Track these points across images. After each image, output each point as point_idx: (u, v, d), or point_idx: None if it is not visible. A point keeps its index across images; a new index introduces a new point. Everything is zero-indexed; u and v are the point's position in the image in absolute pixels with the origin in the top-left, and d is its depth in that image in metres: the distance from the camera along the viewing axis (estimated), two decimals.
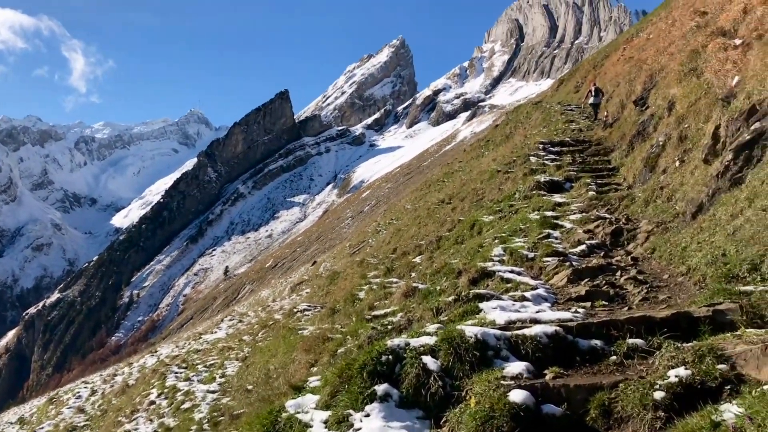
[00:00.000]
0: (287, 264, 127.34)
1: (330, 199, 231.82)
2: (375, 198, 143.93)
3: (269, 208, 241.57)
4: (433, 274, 12.07)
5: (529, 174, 18.18)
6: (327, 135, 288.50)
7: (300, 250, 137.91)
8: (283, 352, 14.36)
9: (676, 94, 14.82)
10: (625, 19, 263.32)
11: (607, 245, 9.42)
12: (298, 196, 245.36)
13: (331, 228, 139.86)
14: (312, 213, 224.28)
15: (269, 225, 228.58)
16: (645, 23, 49.35)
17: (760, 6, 13.50)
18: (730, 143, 8.45)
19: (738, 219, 6.59)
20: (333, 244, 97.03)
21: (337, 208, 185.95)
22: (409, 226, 26.74)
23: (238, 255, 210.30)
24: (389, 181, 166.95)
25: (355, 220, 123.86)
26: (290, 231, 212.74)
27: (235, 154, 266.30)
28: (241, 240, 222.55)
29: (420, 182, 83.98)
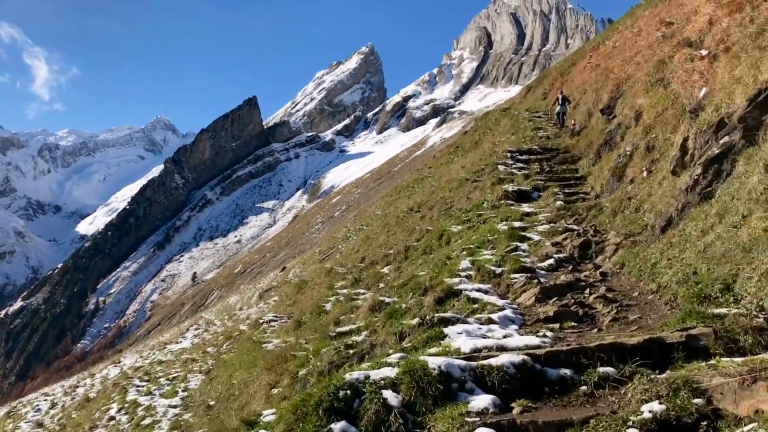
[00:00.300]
0: (256, 269, 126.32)
1: (300, 204, 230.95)
2: (345, 203, 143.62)
3: (238, 214, 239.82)
4: (401, 287, 11.81)
5: (498, 183, 18.04)
6: (296, 141, 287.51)
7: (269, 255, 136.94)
8: (247, 367, 13.96)
9: (643, 104, 14.79)
10: (591, 27, 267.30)
11: (576, 258, 9.25)
12: (268, 202, 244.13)
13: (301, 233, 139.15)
14: (282, 218, 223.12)
15: (238, 231, 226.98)
16: (611, 31, 49.84)
17: (726, 17, 13.52)
18: (699, 156, 8.34)
19: (709, 235, 6.43)
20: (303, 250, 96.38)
21: (307, 213, 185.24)
22: (378, 234, 26.47)
23: (206, 261, 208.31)
24: (360, 186, 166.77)
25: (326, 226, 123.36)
26: (259, 237, 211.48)
27: (202, 161, 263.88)
28: (210, 246, 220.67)
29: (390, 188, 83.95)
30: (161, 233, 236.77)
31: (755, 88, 7.23)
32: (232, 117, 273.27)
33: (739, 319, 4.72)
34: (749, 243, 5.62)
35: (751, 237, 5.66)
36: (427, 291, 8.43)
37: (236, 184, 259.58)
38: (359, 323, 9.95)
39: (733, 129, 7.50)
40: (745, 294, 5.23)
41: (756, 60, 7.56)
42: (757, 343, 4.51)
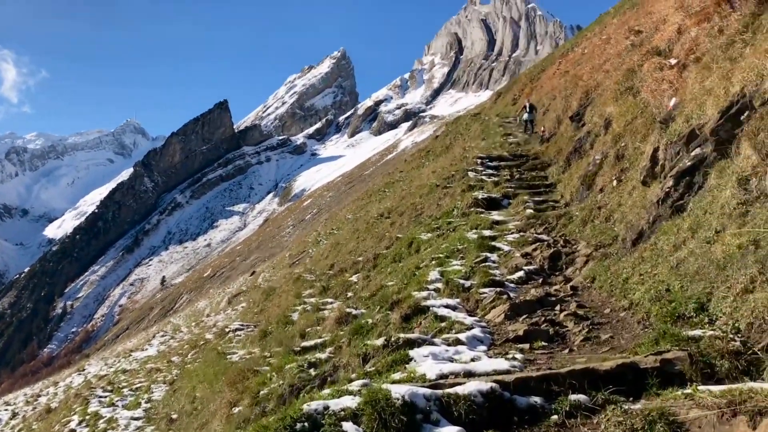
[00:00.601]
0: (226, 273, 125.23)
1: (271, 207, 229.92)
2: (317, 206, 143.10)
3: (208, 218, 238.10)
4: (369, 298, 11.55)
5: (468, 190, 17.88)
6: (267, 144, 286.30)
7: (239, 259, 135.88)
8: (210, 380, 13.56)
9: (612, 112, 14.74)
10: (560, 34, 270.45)
11: (546, 270, 9.08)
12: (238, 205, 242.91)
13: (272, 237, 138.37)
14: (252, 222, 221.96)
15: (208, 234, 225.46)
16: (580, 38, 50.28)
17: (694, 27, 13.52)
18: (670, 168, 8.21)
19: (681, 251, 6.28)
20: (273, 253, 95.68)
21: (278, 216, 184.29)
22: (348, 240, 26.18)
23: (175, 265, 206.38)
24: (331, 189, 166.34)
25: (296, 229, 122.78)
26: (230, 240, 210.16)
27: (172, 164, 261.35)
28: (179, 249, 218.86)
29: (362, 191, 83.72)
30: (130, 237, 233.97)
31: (727, 100, 7.12)
32: (202, 120, 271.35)
33: (715, 342, 4.54)
34: (723, 260, 5.46)
35: (725, 254, 5.51)
36: (394, 305, 8.18)
37: (206, 187, 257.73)
38: (325, 336, 9.66)
39: (705, 141, 7.38)
40: (720, 314, 5.07)
41: (727, 71, 7.45)
42: (733, 368, 4.33)
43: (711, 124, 7.13)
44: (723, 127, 6.63)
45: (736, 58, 7.84)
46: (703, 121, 7.80)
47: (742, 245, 5.37)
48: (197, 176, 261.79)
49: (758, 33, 7.61)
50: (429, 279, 9.81)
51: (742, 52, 7.71)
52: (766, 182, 5.78)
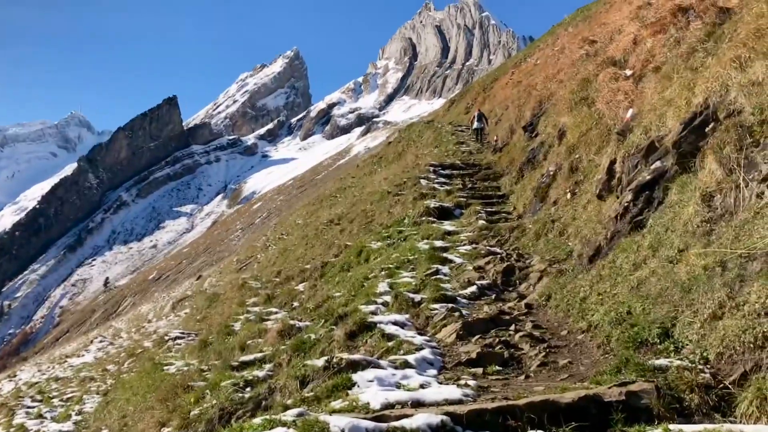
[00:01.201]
0: (172, 276, 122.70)
1: (219, 209, 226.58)
2: (267, 210, 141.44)
3: (154, 218, 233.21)
4: (314, 309, 11.03)
5: (420, 198, 17.51)
6: (217, 144, 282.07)
7: (186, 262, 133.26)
8: (144, 393, 12.82)
9: (566, 122, 14.56)
10: (513, 44, 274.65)
11: (499, 285, 8.72)
12: (186, 206, 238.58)
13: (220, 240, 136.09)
14: (200, 224, 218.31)
15: (154, 235, 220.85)
16: (532, 49, 50.68)
17: (650, 37, 13.44)
18: (628, 182, 7.95)
19: (642, 270, 5.96)
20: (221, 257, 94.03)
21: (227, 219, 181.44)
22: (297, 246, 25.55)
23: (119, 266, 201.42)
24: (282, 193, 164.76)
25: (246, 233, 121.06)
26: (176, 242, 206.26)
27: (118, 161, 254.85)
28: (124, 250, 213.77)
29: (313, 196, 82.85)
30: (73, 235, 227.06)
31: (689, 111, 6.88)
32: (150, 116, 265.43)
33: (683, 373, 4.20)
34: (688, 282, 5.16)
35: (689, 275, 5.20)
36: (340, 320, 7.70)
37: (153, 186, 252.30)
38: (266, 350, 9.11)
39: (665, 154, 7.12)
40: (686, 341, 4.74)
41: (689, 81, 7.22)
42: (704, 403, 4.00)
43: (673, 136, 6.87)
44: (686, 139, 6.37)
45: (697, 67, 7.63)
46: (663, 132, 7.55)
47: (708, 266, 5.07)
48: (144, 174, 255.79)
49: (720, 42, 7.41)
50: (378, 291, 9.35)
51: (704, 62, 7.50)
52: (731, 199, 5.51)
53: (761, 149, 5.32)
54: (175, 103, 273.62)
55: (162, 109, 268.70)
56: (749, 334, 4.14)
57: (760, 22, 5.99)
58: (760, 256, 4.64)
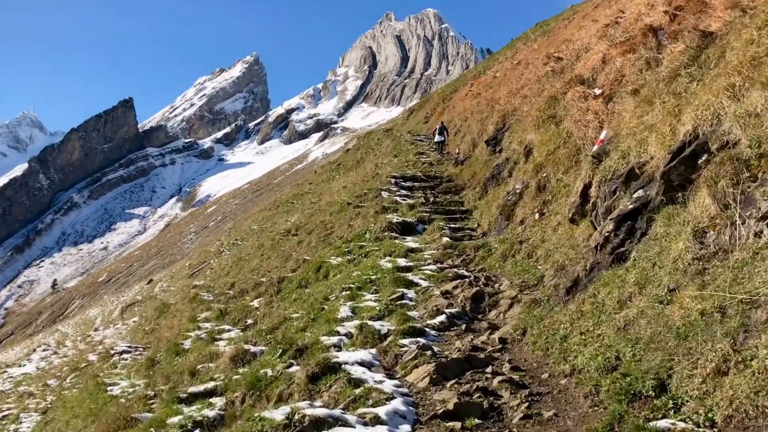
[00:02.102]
0: (122, 279, 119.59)
1: (173, 212, 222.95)
2: (221, 214, 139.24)
3: (106, 220, 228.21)
4: (270, 331, 10.41)
5: (381, 212, 17.02)
6: (173, 146, 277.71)
7: (137, 265, 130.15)
8: (85, 416, 11.98)
9: (533, 140, 14.25)
10: (471, 56, 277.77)
11: (468, 313, 8.25)
12: (139, 208, 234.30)
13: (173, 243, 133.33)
14: (153, 226, 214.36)
15: (105, 237, 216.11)
16: (491, 62, 50.90)
17: (619, 57, 13.24)
18: (607, 209, 7.58)
19: (629, 309, 5.54)
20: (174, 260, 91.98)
21: (181, 222, 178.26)
22: (252, 256, 24.75)
23: (69, 267, 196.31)
24: (237, 197, 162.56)
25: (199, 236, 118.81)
26: (128, 244, 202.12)
27: (70, 162, 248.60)
28: (73, 252, 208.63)
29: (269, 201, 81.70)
30: (21, 236, 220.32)
31: (674, 139, 6.52)
32: (105, 118, 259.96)
33: None
34: (684, 328, 4.74)
35: (684, 320, 4.78)
36: (299, 354, 7.11)
37: (106, 187, 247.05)
38: (218, 379, 8.46)
39: (648, 182, 6.76)
40: (686, 397, 4.31)
41: (674, 107, 6.87)
42: None
43: (659, 164, 6.50)
44: (675, 169, 5.99)
45: (681, 93, 7.30)
46: (644, 159, 7.20)
47: (705, 311, 4.66)
48: (97, 176, 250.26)
49: (706, 68, 7.09)
50: (339, 316, 8.79)
51: (689, 88, 7.18)
52: (726, 236, 5.13)
53: (760, 185, 4.96)
54: (130, 105, 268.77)
55: (117, 111, 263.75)
56: (763, 396, 3.73)
57: (757, 49, 5.65)
58: (764, 304, 4.25)
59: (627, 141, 7.93)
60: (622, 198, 7.43)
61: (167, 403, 7.66)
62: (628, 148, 7.83)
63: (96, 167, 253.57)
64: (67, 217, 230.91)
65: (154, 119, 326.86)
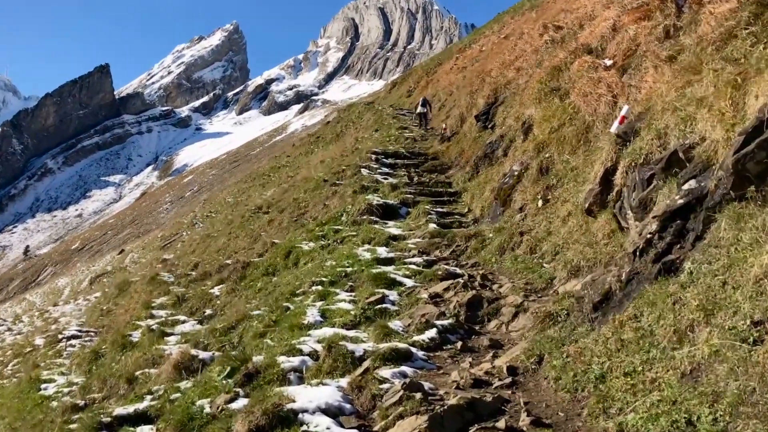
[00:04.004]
0: (96, 247, 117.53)
1: (149, 181, 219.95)
2: (198, 184, 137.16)
3: (81, 187, 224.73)
4: (225, 332, 8.87)
5: (360, 191, 15.43)
6: (150, 114, 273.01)
7: (111, 233, 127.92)
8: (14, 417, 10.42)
9: (533, 115, 12.72)
10: (455, 31, 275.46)
11: (464, 325, 6.74)
12: (114, 176, 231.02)
13: (148, 212, 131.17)
14: (128, 195, 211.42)
15: (80, 204, 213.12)
16: (478, 35, 49.32)
17: (632, 24, 11.72)
18: (641, 203, 6.09)
19: (695, 346, 4.06)
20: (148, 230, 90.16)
21: (156, 191, 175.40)
22: (220, 233, 23.09)
23: (42, 234, 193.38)
24: (215, 167, 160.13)
25: (175, 206, 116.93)
26: (103, 212, 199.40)
27: (45, 127, 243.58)
28: (47, 218, 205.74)
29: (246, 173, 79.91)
30: None
31: (738, 116, 5.02)
32: (81, 83, 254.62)
33: None
34: None
35: None
36: (247, 381, 5.60)
37: (81, 154, 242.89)
38: (155, 394, 6.94)
39: (703, 170, 5.27)
40: None
41: (734, 76, 5.36)
42: None
43: (720, 148, 5.01)
44: (753, 157, 4.49)
45: (740, 58, 5.79)
46: (691, 140, 5.70)
47: None
48: (72, 142, 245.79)
49: None
50: (306, 321, 7.27)
51: (751, 52, 5.67)
52: None
53: None
54: (107, 71, 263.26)
55: (93, 77, 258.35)
56: None
57: None
58: None
59: (664, 118, 6.42)
60: (662, 189, 5.94)
61: (86, 430, 6.11)
62: (666, 126, 6.34)
63: (71, 133, 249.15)
64: (41, 183, 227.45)
65: (131, 86, 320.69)
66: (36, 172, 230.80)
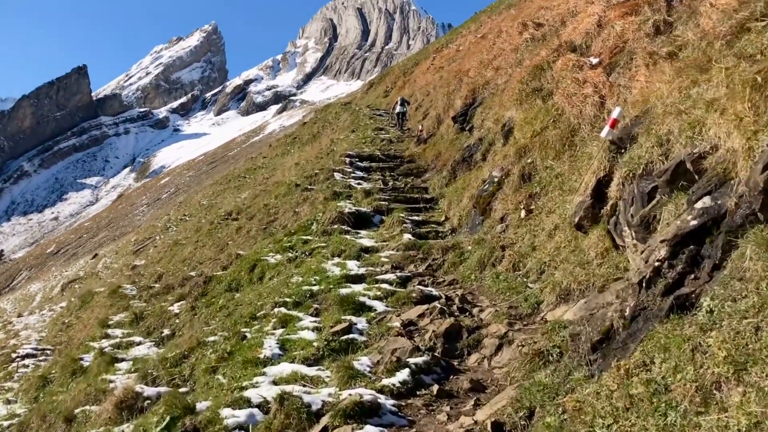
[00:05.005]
0: (71, 251, 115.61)
1: (126, 183, 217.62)
2: (175, 185, 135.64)
3: (57, 189, 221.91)
4: (177, 362, 7.96)
5: (332, 198, 14.55)
6: (127, 116, 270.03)
7: (87, 236, 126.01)
8: None
9: (514, 117, 11.93)
10: (433, 31, 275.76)
11: (441, 360, 5.87)
12: (91, 178, 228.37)
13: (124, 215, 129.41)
14: (105, 197, 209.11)
15: (56, 207, 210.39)
16: (454, 35, 48.64)
17: (619, 20, 10.99)
18: (643, 220, 5.29)
19: (729, 412, 3.25)
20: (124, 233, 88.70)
21: (133, 193, 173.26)
22: (188, 241, 22.09)
23: (17, 237, 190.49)
24: (192, 168, 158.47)
25: (151, 208, 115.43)
26: (79, 215, 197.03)
27: (21, 129, 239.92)
28: (23, 221, 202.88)
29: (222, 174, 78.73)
30: None
31: (763, 123, 4.23)
32: (58, 85, 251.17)
33: None
34: None
35: None
36: None
37: (58, 156, 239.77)
38: None
39: (719, 185, 4.47)
40: None
41: (752, 75, 4.57)
42: None
43: (740, 160, 4.21)
44: None
45: (755, 54, 5.01)
46: (701, 149, 4.91)
47: None
48: (48, 144, 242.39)
49: None
50: (262, 355, 6.39)
51: None
52: None
53: None
54: (84, 73, 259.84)
55: (71, 78, 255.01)
56: None
57: None
58: None
59: (666, 122, 5.63)
60: (667, 205, 5.14)
61: None
62: (669, 132, 5.54)
63: (48, 135, 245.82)
64: (17, 186, 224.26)
65: (108, 87, 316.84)
66: (12, 174, 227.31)
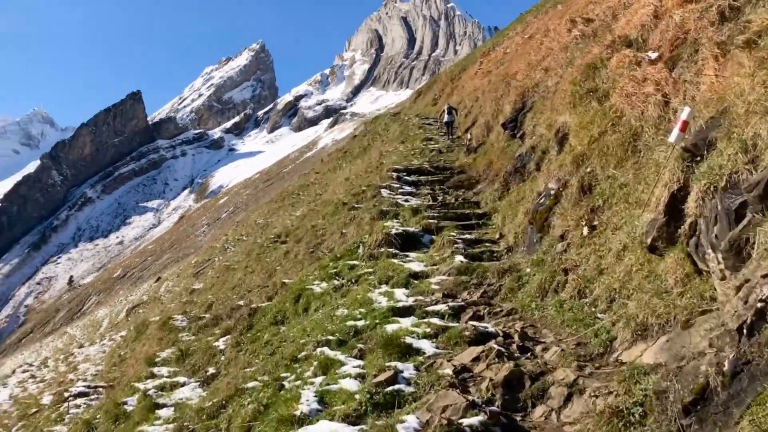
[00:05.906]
0: (137, 274, 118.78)
1: (186, 204, 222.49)
2: (233, 204, 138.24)
3: (120, 214, 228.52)
4: (213, 415, 7.39)
5: (378, 217, 13.86)
6: (183, 138, 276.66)
7: (151, 259, 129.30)
8: None
9: (568, 122, 11.01)
10: (479, 35, 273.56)
11: (500, 418, 5.05)
12: (152, 201, 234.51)
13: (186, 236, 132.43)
14: (167, 219, 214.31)
15: (120, 231, 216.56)
16: (501, 38, 47.49)
17: (678, 9, 9.97)
18: (732, 245, 4.41)
19: None
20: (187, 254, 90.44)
21: (193, 214, 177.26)
22: (239, 266, 21.78)
23: (85, 263, 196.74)
24: (248, 187, 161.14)
25: (211, 228, 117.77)
26: (143, 237, 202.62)
27: (82, 157, 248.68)
28: (90, 247, 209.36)
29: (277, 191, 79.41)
30: (37, 233, 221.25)
31: None
32: (114, 111, 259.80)
33: None
34: None
35: None
36: None
37: (119, 182, 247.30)
38: None
39: None
40: None
41: None
42: None
43: None
44: None
45: None
46: None
47: None
48: (109, 170, 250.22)
49: None
50: (299, 412, 5.72)
51: None
52: None
53: None
54: (139, 98, 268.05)
55: (126, 104, 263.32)
56: None
57: None
58: None
59: (752, 124, 4.75)
60: (762, 225, 4.25)
61: None
62: (756, 135, 4.66)
63: (107, 161, 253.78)
64: (82, 212, 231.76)
65: (163, 111, 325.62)
66: (76, 202, 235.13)
